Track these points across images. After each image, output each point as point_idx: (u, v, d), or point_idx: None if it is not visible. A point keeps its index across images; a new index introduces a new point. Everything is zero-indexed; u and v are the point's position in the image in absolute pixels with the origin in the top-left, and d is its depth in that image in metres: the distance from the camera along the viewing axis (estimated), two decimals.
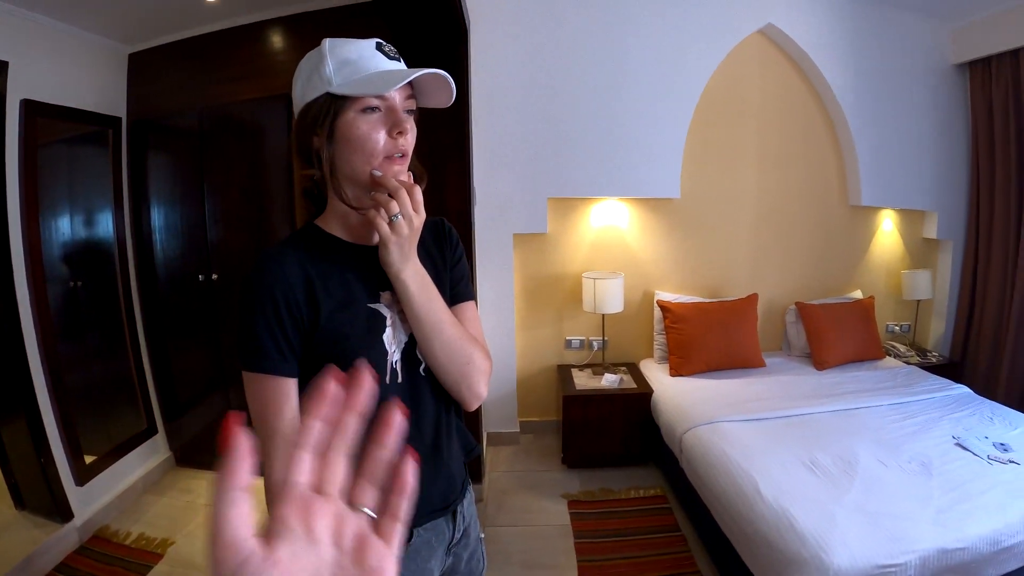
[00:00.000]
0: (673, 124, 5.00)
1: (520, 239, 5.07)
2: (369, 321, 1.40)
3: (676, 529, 3.94)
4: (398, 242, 1.33)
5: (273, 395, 1.31)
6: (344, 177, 1.35)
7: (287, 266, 1.33)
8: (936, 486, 3.08)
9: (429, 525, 1.50)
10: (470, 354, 1.46)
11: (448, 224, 1.66)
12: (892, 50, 5.33)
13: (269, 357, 1.30)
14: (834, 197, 5.58)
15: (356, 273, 1.42)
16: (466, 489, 1.65)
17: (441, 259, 1.58)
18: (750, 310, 5.13)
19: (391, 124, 1.32)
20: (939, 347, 5.91)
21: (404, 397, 1.41)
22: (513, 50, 4.75)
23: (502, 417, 5.18)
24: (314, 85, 1.31)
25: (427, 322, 1.39)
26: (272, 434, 1.30)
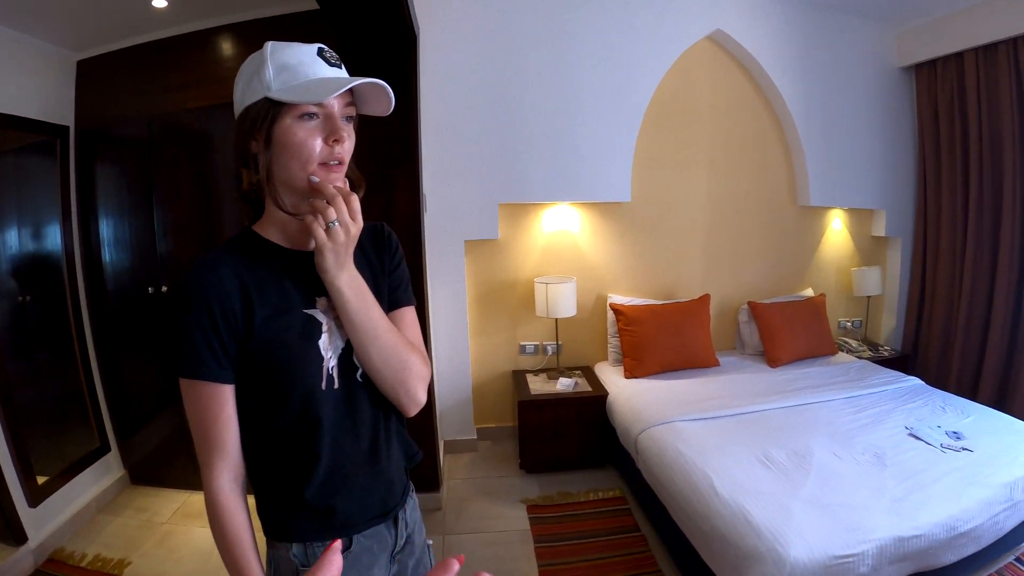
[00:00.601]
0: (623, 128, 4.95)
1: (472, 245, 4.98)
2: (305, 327, 1.37)
3: (636, 529, 3.88)
4: (334, 249, 1.30)
5: (210, 402, 1.31)
6: (281, 183, 1.33)
7: (223, 273, 1.32)
8: (890, 476, 3.08)
9: (370, 532, 1.48)
10: (407, 359, 1.44)
11: (388, 229, 1.63)
12: (839, 54, 5.38)
13: (205, 364, 1.29)
14: (784, 198, 5.60)
15: (292, 279, 1.40)
16: (407, 495, 1.63)
17: (379, 264, 1.56)
18: (703, 311, 5.10)
19: (328, 131, 1.30)
20: (890, 341, 5.98)
21: (341, 403, 1.41)
22: (463, 56, 4.67)
23: (459, 424, 5.09)
24: (254, 89, 1.29)
25: (362, 328, 1.37)
26: (209, 440, 1.32)
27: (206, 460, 1.32)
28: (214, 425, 1.31)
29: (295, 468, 1.38)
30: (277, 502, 1.41)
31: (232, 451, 1.34)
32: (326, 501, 1.40)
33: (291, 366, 1.33)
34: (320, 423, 1.37)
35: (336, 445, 1.40)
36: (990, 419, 3.78)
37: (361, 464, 1.45)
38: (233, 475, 1.34)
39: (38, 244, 4.12)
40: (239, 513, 1.32)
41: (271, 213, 1.41)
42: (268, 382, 1.34)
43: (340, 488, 1.41)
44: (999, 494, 2.96)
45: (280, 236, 1.42)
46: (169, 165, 4.31)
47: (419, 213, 3.98)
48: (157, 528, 4.07)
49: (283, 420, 1.36)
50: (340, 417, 1.40)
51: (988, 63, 4.91)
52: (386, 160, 3.86)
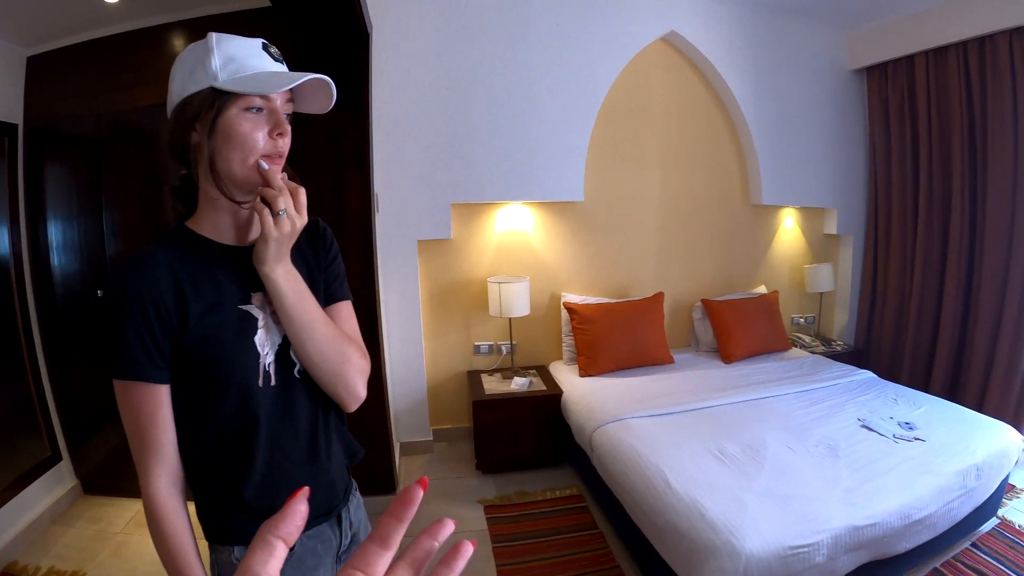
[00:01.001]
0: (576, 128, 4.93)
1: (424, 246, 4.91)
2: (240, 323, 1.34)
3: (594, 527, 3.84)
4: (277, 239, 1.28)
5: (146, 403, 1.27)
6: (223, 173, 1.29)
7: (156, 270, 1.27)
8: (844, 467, 3.08)
9: (312, 532, 1.46)
10: (345, 353, 1.41)
11: (323, 224, 1.60)
12: (792, 56, 5.42)
13: (140, 365, 1.25)
14: (736, 197, 5.63)
15: (227, 274, 1.36)
16: (351, 494, 1.59)
17: (315, 259, 1.54)
18: (657, 309, 5.08)
19: (272, 125, 1.29)
20: (843, 336, 6.05)
21: (278, 400, 1.38)
22: (416, 55, 4.60)
23: (414, 426, 5.00)
24: (197, 78, 1.25)
25: (299, 322, 1.34)
26: (146, 443, 1.28)
27: (143, 464, 1.28)
28: (150, 427, 1.27)
29: (233, 468, 1.34)
30: (217, 504, 1.37)
31: (170, 453, 1.29)
32: (266, 502, 1.35)
33: (226, 363, 1.30)
34: (257, 421, 1.33)
35: (275, 443, 1.36)
36: (942, 409, 3.81)
37: (301, 462, 1.41)
38: (171, 478, 1.30)
39: None
40: (179, 517, 1.28)
41: (205, 207, 1.37)
42: (203, 380, 1.30)
43: (280, 487, 1.37)
44: (952, 482, 2.98)
45: (214, 231, 1.38)
46: (119, 165, 4.19)
47: (371, 213, 3.91)
48: (111, 538, 3.93)
49: (219, 419, 1.32)
50: (277, 415, 1.37)
51: (938, 66, 4.99)
52: (337, 159, 3.80)
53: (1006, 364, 4.51)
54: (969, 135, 4.80)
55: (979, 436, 3.39)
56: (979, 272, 4.79)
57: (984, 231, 4.72)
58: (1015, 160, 4.47)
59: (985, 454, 3.21)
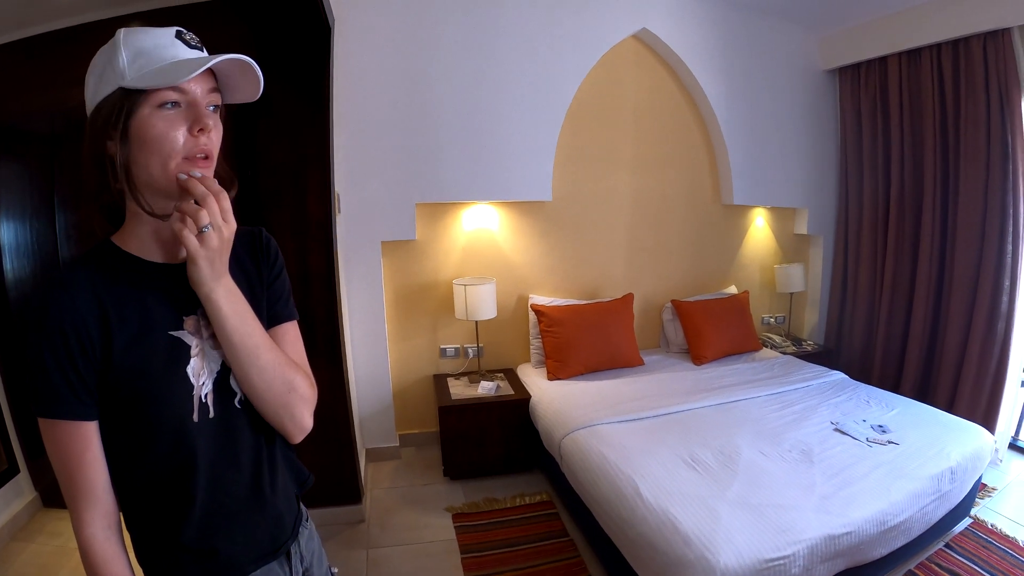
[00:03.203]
0: (544, 127, 4.87)
1: (389, 247, 4.82)
2: (171, 352, 1.23)
3: (564, 535, 3.78)
4: (208, 256, 1.17)
5: (72, 443, 1.17)
6: (143, 184, 1.18)
7: (77, 293, 1.15)
8: (818, 473, 3.06)
9: (259, 572, 1.36)
10: (291, 381, 1.32)
11: (267, 235, 1.49)
12: (764, 56, 5.42)
13: (63, 401, 1.14)
14: (707, 197, 5.62)
15: (156, 296, 1.25)
16: (299, 525, 1.50)
17: (257, 275, 1.43)
18: (626, 310, 5.05)
19: (192, 120, 1.17)
20: (814, 336, 6.07)
21: (217, 434, 1.28)
22: (379, 51, 4.50)
23: (380, 431, 4.92)
24: (107, 80, 1.16)
25: (242, 347, 1.24)
26: (76, 485, 1.18)
27: (74, 507, 1.19)
28: (79, 468, 1.18)
29: (170, 509, 1.25)
30: (155, 546, 1.28)
31: (102, 495, 1.20)
32: (207, 542, 1.27)
33: (156, 399, 1.20)
34: (194, 459, 1.23)
35: (214, 481, 1.27)
36: (914, 412, 3.82)
37: (244, 499, 1.33)
38: (106, 522, 1.21)
39: None
40: (116, 561, 1.20)
41: (131, 222, 1.27)
42: (132, 417, 1.20)
43: (222, 527, 1.29)
44: (927, 486, 2.98)
45: (142, 248, 1.27)
46: (74, 163, 4.02)
47: (332, 213, 3.83)
48: (72, 554, 3.79)
49: (152, 458, 1.22)
50: (217, 450, 1.28)
51: (911, 67, 5.00)
52: (297, 158, 3.68)
53: (976, 364, 4.52)
54: (942, 137, 4.82)
55: (952, 439, 3.40)
56: (950, 273, 4.80)
57: (955, 232, 4.74)
58: (987, 163, 4.48)
59: (959, 457, 3.21)
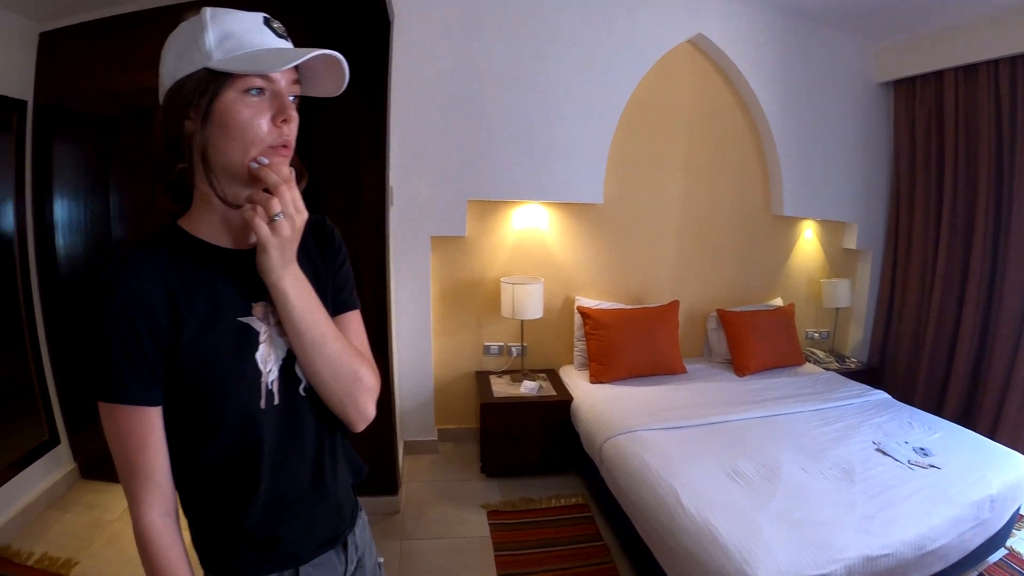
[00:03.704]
0: (599, 129, 4.91)
1: (438, 241, 4.91)
2: (239, 339, 1.23)
3: (598, 539, 3.83)
4: (279, 245, 1.17)
5: (136, 427, 1.16)
6: (219, 169, 1.17)
7: (146, 277, 1.15)
8: (859, 492, 3.06)
9: (318, 560, 1.37)
10: (356, 370, 1.32)
11: (331, 224, 1.49)
12: (819, 65, 5.39)
13: (129, 385, 1.14)
14: (757, 206, 5.61)
15: (225, 282, 1.25)
16: (356, 516, 1.52)
17: (323, 264, 1.43)
18: (671, 317, 5.07)
19: (276, 109, 1.17)
20: (857, 353, 6.02)
21: (282, 422, 1.28)
22: (437, 47, 4.59)
23: (420, 425, 5.02)
24: (190, 58, 1.14)
25: (309, 336, 1.24)
26: (137, 470, 1.17)
27: (133, 492, 1.18)
28: (141, 453, 1.17)
29: (233, 497, 1.26)
30: (215, 533, 1.30)
31: (163, 481, 1.20)
32: (269, 531, 1.29)
33: (224, 384, 1.21)
34: (260, 446, 1.24)
35: (278, 469, 1.28)
36: (957, 436, 3.80)
37: (306, 488, 1.34)
38: (165, 507, 1.21)
39: None
40: (173, 547, 1.20)
41: (200, 206, 1.26)
42: (199, 404, 1.21)
43: (284, 516, 1.31)
44: (967, 512, 2.97)
45: (210, 232, 1.27)
46: (129, 146, 4.18)
47: (385, 206, 3.91)
48: (107, 526, 3.94)
49: (217, 444, 1.23)
50: (282, 437, 1.29)
51: (967, 84, 4.95)
52: (353, 150, 3.77)
53: (1022, 390, 4.50)
54: (996, 156, 4.77)
55: (994, 465, 3.38)
56: (999, 296, 4.77)
57: (1007, 255, 4.70)
58: None
59: (1000, 485, 3.20)
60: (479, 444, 4.68)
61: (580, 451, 4.42)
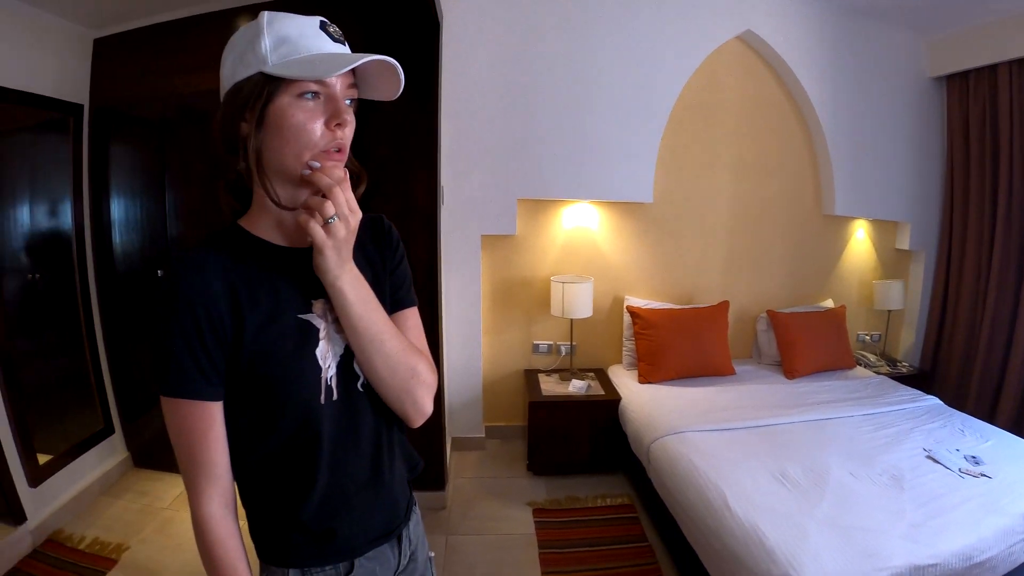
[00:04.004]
0: (648, 127, 4.93)
1: (489, 240, 4.97)
2: (300, 335, 1.26)
3: (643, 539, 3.86)
4: (335, 246, 1.18)
5: (198, 422, 1.20)
6: (273, 171, 1.21)
7: (209, 275, 1.19)
8: (908, 500, 3.03)
9: (372, 554, 1.40)
10: (414, 367, 1.34)
11: (388, 222, 1.51)
12: (870, 60, 5.32)
13: (191, 380, 1.18)
14: (808, 206, 5.56)
15: (286, 280, 1.28)
16: (411, 510, 1.54)
17: (380, 262, 1.45)
18: (721, 317, 5.07)
19: (330, 114, 1.19)
20: (909, 357, 5.93)
21: (340, 416, 1.30)
22: (485, 47, 4.66)
23: (468, 422, 5.10)
24: (247, 63, 1.16)
25: (366, 333, 1.26)
26: (197, 464, 1.21)
27: (193, 485, 1.22)
28: (201, 447, 1.21)
29: (292, 490, 1.29)
30: (272, 525, 1.33)
31: (222, 474, 1.24)
32: (326, 524, 1.31)
33: (287, 381, 1.23)
34: (319, 440, 1.27)
35: (336, 463, 1.31)
36: (1009, 445, 3.74)
37: (363, 482, 1.36)
38: (224, 500, 1.24)
39: (49, 222, 4.14)
40: (231, 539, 1.24)
41: (260, 206, 1.30)
42: (261, 398, 1.24)
43: (341, 509, 1.33)
44: (1018, 524, 2.90)
45: (270, 231, 1.30)
46: (183, 147, 4.32)
47: (436, 205, 3.97)
48: (158, 513, 4.09)
49: (278, 438, 1.26)
50: (340, 432, 1.31)
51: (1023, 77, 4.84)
52: (405, 150, 3.86)
53: None
54: None
55: None
56: None
57: None
58: None
59: None
60: (526, 442, 4.74)
61: (626, 451, 4.45)
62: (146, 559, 3.64)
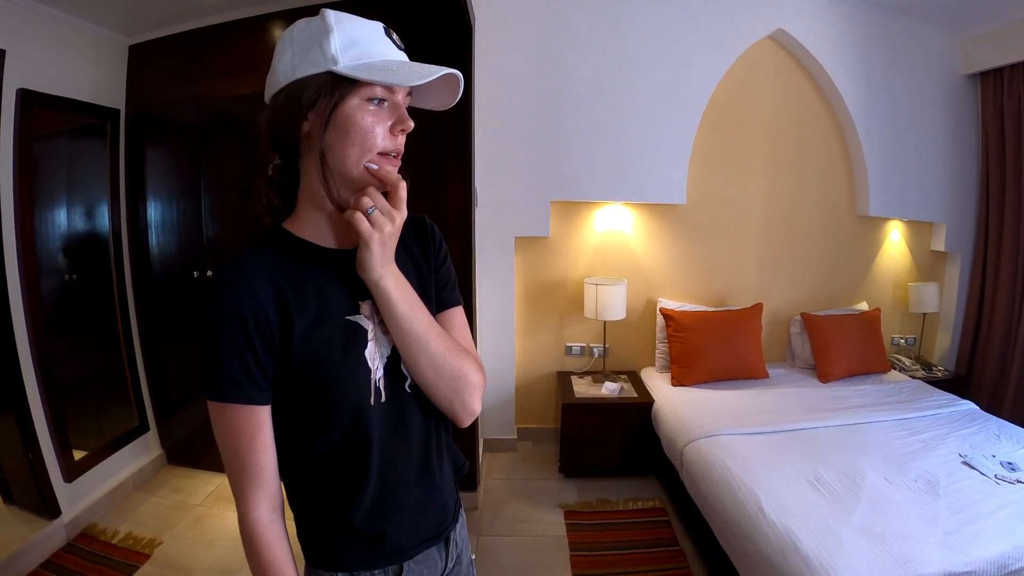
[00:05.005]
0: (680, 128, 4.98)
1: (522, 242, 5.06)
2: (348, 336, 1.27)
3: (674, 543, 3.90)
4: (381, 240, 1.19)
5: (245, 426, 1.21)
6: (334, 171, 1.21)
7: (255, 279, 1.20)
8: (943, 506, 3.03)
9: (420, 557, 1.40)
10: (461, 367, 1.33)
11: (430, 222, 1.52)
12: (903, 58, 5.31)
13: (239, 385, 1.19)
14: (842, 206, 5.56)
15: (333, 282, 1.29)
16: (458, 512, 1.54)
17: (425, 262, 1.46)
18: (755, 320, 5.10)
19: (395, 120, 1.22)
20: (944, 361, 5.87)
21: (389, 418, 1.31)
22: (517, 49, 4.74)
23: (500, 423, 5.18)
24: (312, 60, 1.17)
25: (412, 334, 1.27)
26: (245, 468, 1.22)
27: (241, 490, 1.23)
28: (249, 451, 1.21)
29: (341, 493, 1.29)
30: (321, 528, 1.33)
31: (270, 478, 1.24)
32: (376, 526, 1.31)
33: (336, 383, 1.23)
34: (369, 443, 1.27)
35: (386, 465, 1.30)
36: None
37: (413, 483, 1.36)
38: (272, 504, 1.25)
39: (87, 224, 4.30)
40: (279, 543, 1.24)
41: (306, 207, 1.30)
42: (310, 401, 1.24)
43: (391, 511, 1.32)
44: None
45: (316, 233, 1.31)
46: (218, 151, 4.44)
47: (471, 208, 4.05)
48: (191, 510, 4.22)
49: (327, 441, 1.26)
50: (389, 433, 1.30)
51: None
52: (439, 152, 3.95)
53: None
54: None
55: None
56: None
57: None
58: None
59: None
60: (558, 444, 4.81)
61: (657, 454, 4.51)
62: (178, 554, 3.76)
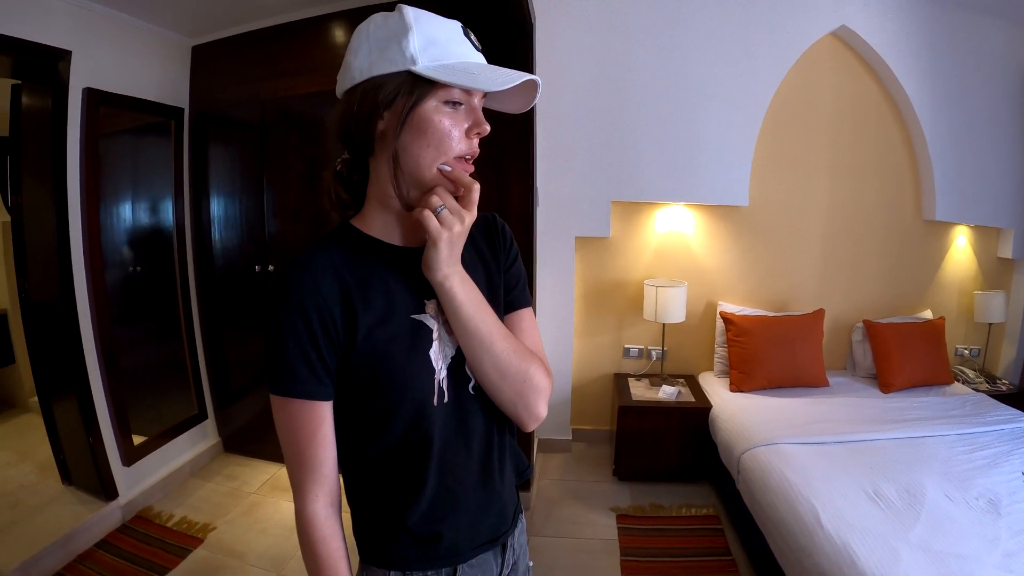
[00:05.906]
0: (742, 129, 4.99)
1: (582, 242, 5.12)
2: (413, 335, 1.28)
3: (727, 553, 3.91)
4: (449, 240, 1.19)
5: (307, 421, 1.23)
6: (407, 171, 1.22)
7: (320, 275, 1.21)
8: (1004, 526, 3.00)
9: (475, 561, 1.40)
10: (527, 371, 1.32)
11: (501, 221, 1.52)
12: (969, 56, 5.21)
13: (301, 380, 1.21)
14: (907, 211, 5.48)
15: (398, 279, 1.29)
16: (518, 517, 1.53)
17: (494, 261, 1.46)
18: (816, 326, 5.08)
19: (471, 123, 1.22)
20: (1009, 375, 5.71)
21: (451, 419, 1.32)
22: (577, 49, 4.80)
23: (555, 424, 5.25)
24: (390, 58, 1.16)
25: (476, 335, 1.26)
26: (305, 463, 1.25)
27: (300, 484, 1.25)
28: (310, 446, 1.23)
29: (399, 491, 1.30)
30: (376, 526, 1.34)
31: (329, 473, 1.26)
32: (432, 527, 1.32)
33: (400, 381, 1.24)
34: (430, 443, 1.28)
35: (445, 466, 1.31)
36: None
37: (472, 486, 1.36)
38: (329, 499, 1.27)
39: (151, 219, 4.52)
40: (334, 539, 1.26)
41: (375, 204, 1.31)
42: (373, 399, 1.25)
43: (448, 513, 1.33)
44: None
45: (385, 231, 1.32)
46: (280, 148, 4.58)
47: (532, 208, 4.12)
48: (245, 497, 4.41)
49: (388, 439, 1.27)
50: (451, 434, 1.31)
51: None
52: (501, 150, 4.03)
53: None
54: None
55: None
56: None
57: None
58: None
59: None
60: (613, 446, 4.86)
61: (714, 460, 4.52)
62: (232, 540, 3.94)
